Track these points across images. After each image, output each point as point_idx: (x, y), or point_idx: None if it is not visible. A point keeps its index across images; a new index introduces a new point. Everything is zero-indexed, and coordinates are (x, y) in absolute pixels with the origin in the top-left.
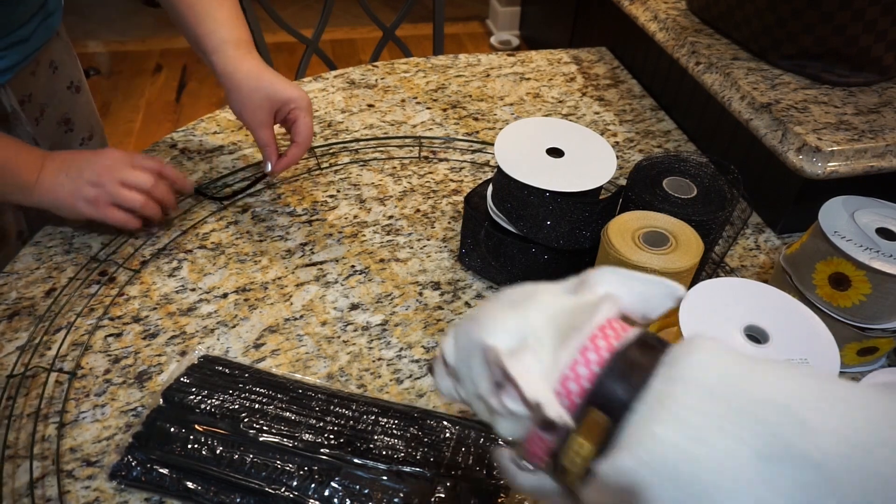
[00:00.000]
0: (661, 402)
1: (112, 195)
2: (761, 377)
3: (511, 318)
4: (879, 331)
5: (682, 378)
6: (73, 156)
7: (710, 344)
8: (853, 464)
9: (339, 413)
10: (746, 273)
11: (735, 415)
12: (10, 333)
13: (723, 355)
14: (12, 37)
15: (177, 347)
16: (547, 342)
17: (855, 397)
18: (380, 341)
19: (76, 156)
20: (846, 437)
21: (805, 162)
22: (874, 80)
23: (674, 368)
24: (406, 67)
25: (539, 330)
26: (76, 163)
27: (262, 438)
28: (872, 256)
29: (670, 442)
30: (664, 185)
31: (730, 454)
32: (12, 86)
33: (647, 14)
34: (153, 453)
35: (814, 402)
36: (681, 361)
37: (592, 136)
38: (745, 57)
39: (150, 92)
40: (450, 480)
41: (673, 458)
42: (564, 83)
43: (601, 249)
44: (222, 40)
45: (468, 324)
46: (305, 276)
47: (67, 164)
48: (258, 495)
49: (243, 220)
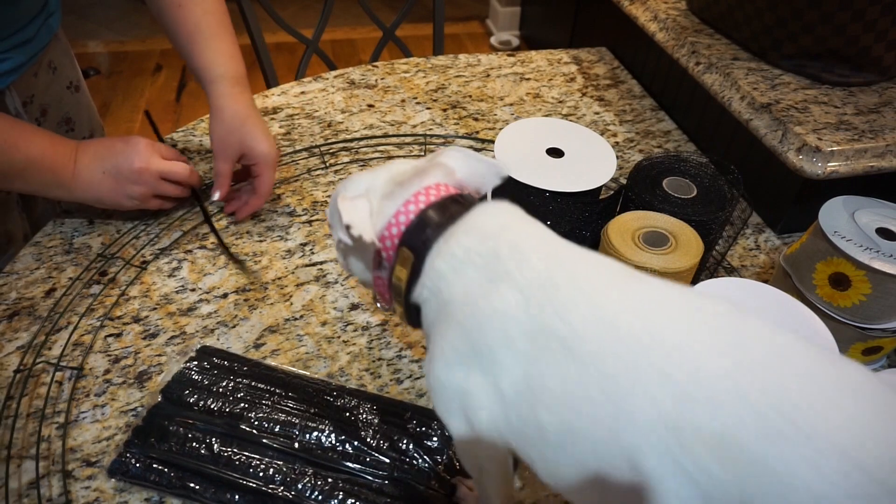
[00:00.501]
0: (447, 241)
1: (155, 189)
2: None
3: (365, 178)
4: (880, 331)
5: (470, 224)
6: (104, 148)
7: (506, 206)
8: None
9: (339, 412)
10: (746, 273)
11: (489, 252)
12: (10, 333)
13: (512, 214)
14: (16, 38)
15: (177, 347)
16: (380, 193)
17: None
18: (380, 341)
19: (106, 148)
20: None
21: (805, 162)
22: (874, 79)
23: (470, 217)
24: (406, 67)
25: (379, 185)
26: (109, 156)
27: (260, 438)
28: (872, 256)
29: (441, 271)
30: (664, 185)
31: (472, 280)
32: (16, 87)
33: (647, 14)
34: (152, 450)
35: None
36: (476, 212)
37: (592, 136)
38: (745, 57)
39: (149, 92)
40: (447, 485)
41: (439, 283)
42: (564, 83)
43: (601, 249)
44: (219, 75)
45: (339, 188)
46: (305, 276)
47: (101, 157)
48: (256, 495)
49: (243, 219)
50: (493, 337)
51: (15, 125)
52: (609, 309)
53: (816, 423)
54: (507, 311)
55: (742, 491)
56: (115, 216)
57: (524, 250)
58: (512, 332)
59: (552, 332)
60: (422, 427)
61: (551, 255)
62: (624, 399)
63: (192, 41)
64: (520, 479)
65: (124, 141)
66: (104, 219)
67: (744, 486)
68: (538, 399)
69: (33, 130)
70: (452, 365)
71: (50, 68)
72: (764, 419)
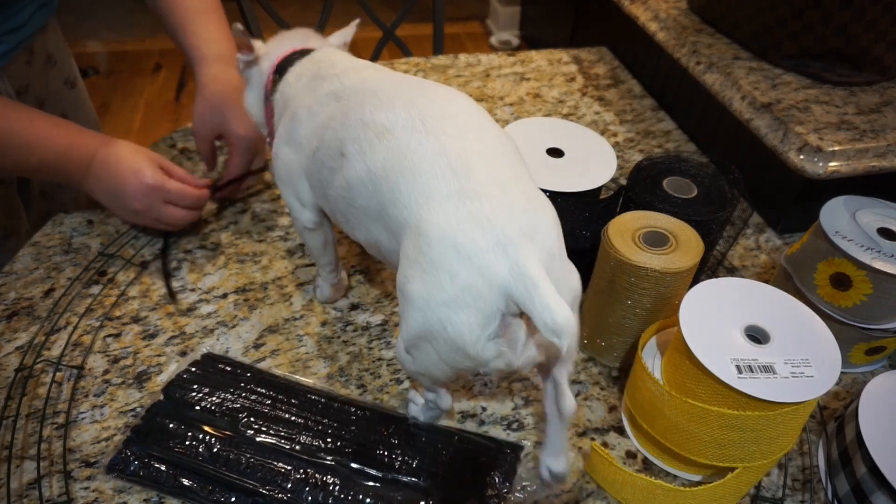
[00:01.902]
0: (293, 67)
1: (157, 219)
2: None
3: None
4: (880, 331)
5: (311, 55)
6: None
7: (335, 49)
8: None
9: (338, 417)
10: (747, 273)
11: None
12: (10, 334)
13: (340, 51)
14: (9, 23)
15: (176, 348)
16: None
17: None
18: (380, 341)
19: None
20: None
21: (806, 162)
22: (875, 79)
23: (313, 53)
24: (406, 67)
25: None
26: (117, 185)
27: (259, 439)
28: (873, 256)
29: (288, 80)
30: (664, 185)
31: (303, 83)
32: (8, 74)
33: (647, 14)
34: (151, 449)
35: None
36: (317, 51)
37: (592, 136)
38: (745, 56)
39: (149, 92)
40: (443, 492)
41: (286, 87)
42: (564, 83)
43: (601, 249)
44: (207, 55)
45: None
46: (305, 276)
47: (107, 185)
48: (253, 496)
49: (243, 220)
50: (304, 111)
51: (33, 123)
52: (366, 76)
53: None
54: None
55: (385, 159)
56: (115, 216)
57: (337, 62)
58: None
59: (331, 93)
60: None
61: (351, 66)
62: (345, 114)
63: (184, 21)
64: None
65: (135, 174)
66: (104, 219)
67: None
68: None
69: (51, 129)
70: (283, 142)
71: (49, 62)
72: (411, 119)
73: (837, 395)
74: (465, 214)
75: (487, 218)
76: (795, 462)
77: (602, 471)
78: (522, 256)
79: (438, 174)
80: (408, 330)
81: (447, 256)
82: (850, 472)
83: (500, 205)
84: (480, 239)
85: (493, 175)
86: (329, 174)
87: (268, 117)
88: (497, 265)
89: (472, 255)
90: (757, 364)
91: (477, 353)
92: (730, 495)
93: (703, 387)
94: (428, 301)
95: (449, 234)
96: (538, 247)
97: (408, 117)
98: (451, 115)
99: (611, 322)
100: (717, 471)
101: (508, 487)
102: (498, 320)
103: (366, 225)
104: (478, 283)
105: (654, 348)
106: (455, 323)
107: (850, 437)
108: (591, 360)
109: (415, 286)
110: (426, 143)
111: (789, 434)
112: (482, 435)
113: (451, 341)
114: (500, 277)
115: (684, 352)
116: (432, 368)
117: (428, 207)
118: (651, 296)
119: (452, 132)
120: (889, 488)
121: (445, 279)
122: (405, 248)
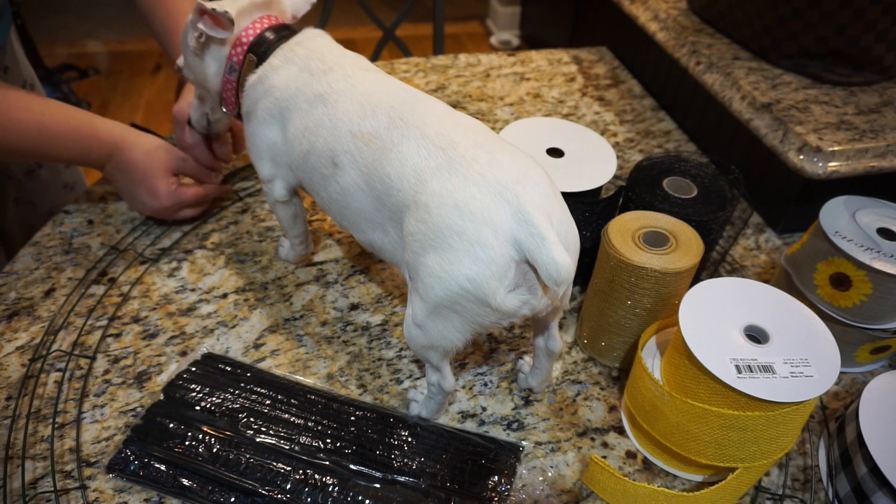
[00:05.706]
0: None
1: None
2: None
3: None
4: (881, 331)
5: (298, 40)
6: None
7: (320, 33)
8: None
9: (337, 418)
10: (747, 273)
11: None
12: (10, 334)
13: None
14: None
15: (176, 348)
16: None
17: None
18: (380, 341)
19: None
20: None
21: (806, 162)
22: (875, 79)
23: (298, 37)
24: (406, 67)
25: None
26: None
27: (259, 439)
28: (873, 256)
29: (274, 65)
30: (664, 185)
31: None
32: None
33: (647, 14)
34: (151, 448)
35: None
36: (302, 34)
37: (592, 136)
38: (745, 56)
39: (149, 92)
40: (443, 492)
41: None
42: (564, 83)
43: (601, 249)
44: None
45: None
46: (305, 276)
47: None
48: (253, 496)
49: (243, 220)
50: (292, 104)
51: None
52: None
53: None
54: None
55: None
56: (115, 216)
57: (326, 57)
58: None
59: (320, 95)
60: (421, 438)
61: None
62: (335, 125)
63: (170, 18)
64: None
65: (150, 193)
66: (104, 219)
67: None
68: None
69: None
70: (264, 123)
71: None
72: (392, 120)
73: (838, 395)
74: (459, 178)
75: (480, 174)
76: (796, 462)
77: (602, 481)
78: (522, 201)
79: (424, 154)
80: (425, 302)
81: (450, 217)
82: (851, 473)
83: (489, 162)
84: (478, 193)
85: (476, 142)
86: (322, 179)
87: (227, 89)
88: (499, 212)
89: (474, 209)
90: (756, 364)
91: (500, 305)
92: (730, 496)
93: (703, 387)
94: (442, 265)
95: (447, 197)
96: (533, 189)
97: (389, 120)
98: (429, 110)
99: (611, 322)
100: (717, 471)
101: (508, 488)
102: (513, 270)
103: (360, 226)
104: (485, 234)
105: (654, 348)
106: (474, 279)
107: (850, 438)
108: (591, 360)
109: (425, 257)
110: (408, 134)
111: (789, 434)
112: (482, 435)
113: (474, 298)
114: (506, 224)
115: (684, 352)
116: (450, 334)
117: (420, 183)
118: (651, 296)
119: (431, 120)
120: (890, 488)
121: (454, 239)
122: (407, 226)
